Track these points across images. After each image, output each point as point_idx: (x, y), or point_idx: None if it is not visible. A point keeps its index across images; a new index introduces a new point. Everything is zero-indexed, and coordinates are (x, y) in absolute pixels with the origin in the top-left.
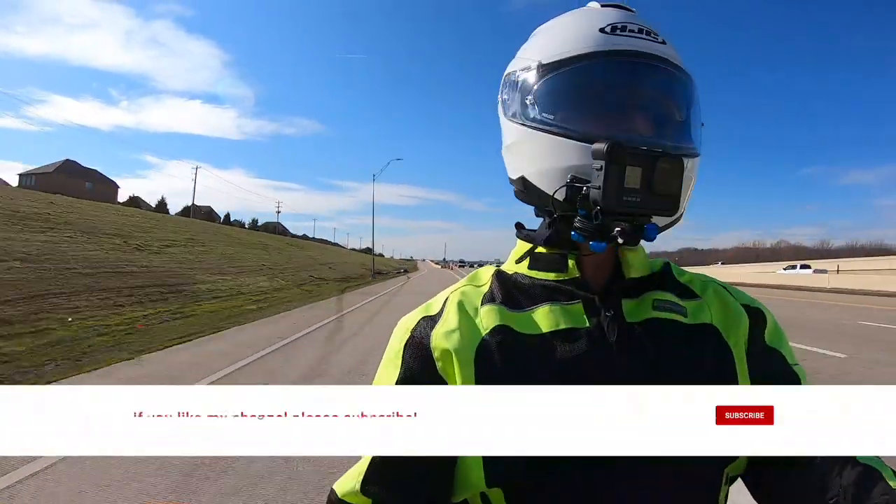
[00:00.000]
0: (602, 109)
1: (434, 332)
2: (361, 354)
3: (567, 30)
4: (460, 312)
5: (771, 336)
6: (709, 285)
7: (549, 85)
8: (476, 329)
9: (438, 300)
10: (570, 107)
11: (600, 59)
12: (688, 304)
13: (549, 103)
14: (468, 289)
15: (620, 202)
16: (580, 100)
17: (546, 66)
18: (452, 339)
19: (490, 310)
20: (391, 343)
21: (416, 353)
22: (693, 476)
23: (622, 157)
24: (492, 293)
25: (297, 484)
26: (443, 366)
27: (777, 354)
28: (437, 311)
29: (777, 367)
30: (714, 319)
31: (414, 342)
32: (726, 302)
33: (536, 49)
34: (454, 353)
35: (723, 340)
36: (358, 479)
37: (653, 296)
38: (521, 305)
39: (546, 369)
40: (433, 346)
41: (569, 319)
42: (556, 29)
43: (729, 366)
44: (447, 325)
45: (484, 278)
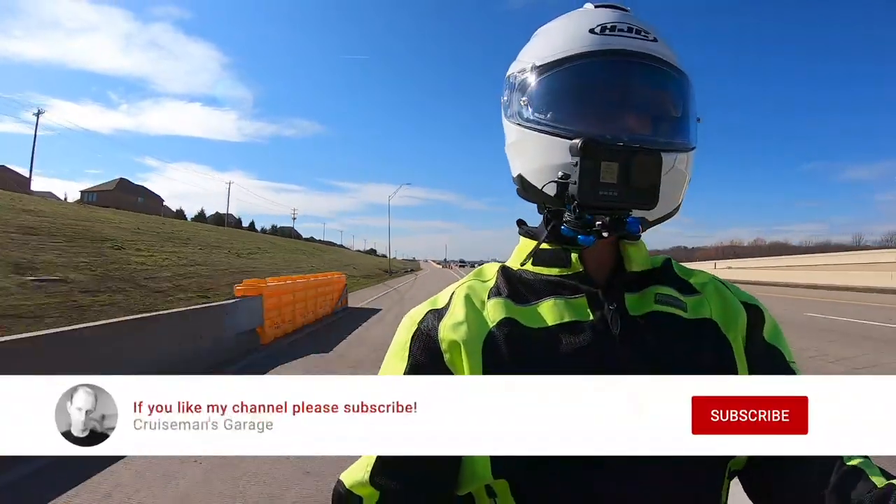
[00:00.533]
0: (588, 108)
1: (442, 325)
2: (410, 299)
3: (560, 32)
4: (467, 305)
5: (770, 333)
6: (708, 282)
7: (540, 86)
8: (483, 321)
9: (445, 294)
10: (559, 106)
11: (587, 59)
12: (688, 299)
13: (540, 103)
14: (474, 283)
15: (597, 197)
16: (568, 99)
17: (538, 67)
18: (460, 331)
19: (497, 303)
20: (398, 335)
21: (423, 345)
22: (696, 470)
23: (596, 153)
24: (497, 288)
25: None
26: (450, 357)
27: (776, 352)
28: (443, 305)
29: (777, 365)
30: (713, 314)
31: (421, 334)
32: (725, 298)
33: (532, 52)
34: (462, 344)
35: (722, 335)
36: (367, 469)
37: (655, 290)
38: (526, 300)
39: (551, 362)
40: (441, 337)
41: (573, 313)
42: (551, 31)
43: (728, 360)
44: (455, 317)
45: (489, 274)
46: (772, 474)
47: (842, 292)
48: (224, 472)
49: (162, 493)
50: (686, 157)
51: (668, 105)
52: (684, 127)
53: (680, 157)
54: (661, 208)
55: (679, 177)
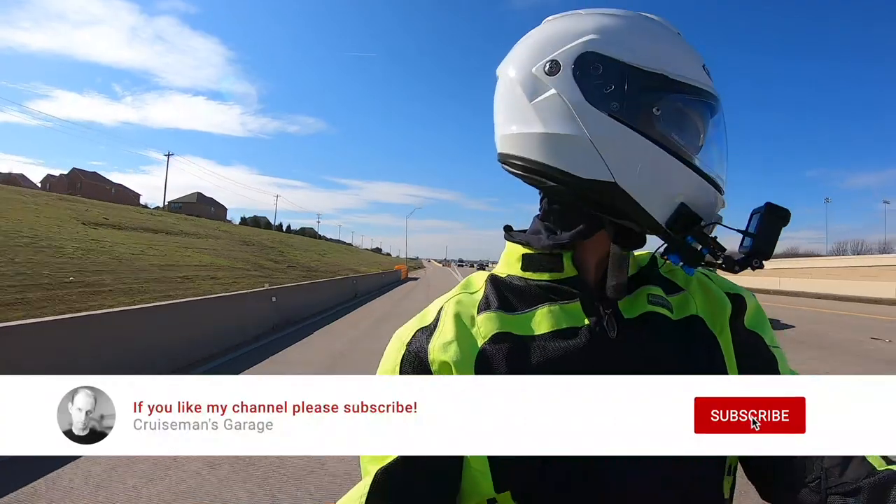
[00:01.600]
0: (721, 151)
1: (431, 346)
2: (432, 275)
3: (678, 51)
4: (456, 323)
5: (751, 320)
6: (692, 276)
7: (679, 105)
8: (473, 340)
9: (433, 310)
10: (695, 136)
11: (716, 101)
12: (673, 298)
13: (676, 124)
14: (462, 297)
15: (761, 254)
16: (709, 135)
17: (674, 82)
18: (450, 351)
19: (487, 318)
20: (387, 356)
21: (413, 368)
22: (696, 468)
23: (785, 217)
24: (486, 299)
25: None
26: None
27: (756, 337)
28: (431, 322)
29: (756, 350)
30: (699, 310)
31: (410, 356)
32: (709, 290)
33: (649, 53)
34: (453, 365)
35: (708, 330)
36: (361, 500)
37: (646, 290)
38: (518, 308)
39: (548, 370)
40: (431, 359)
41: (568, 319)
42: (667, 43)
43: (717, 356)
44: (444, 336)
45: (477, 284)
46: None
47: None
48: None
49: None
50: None
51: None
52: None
53: None
54: None
55: None
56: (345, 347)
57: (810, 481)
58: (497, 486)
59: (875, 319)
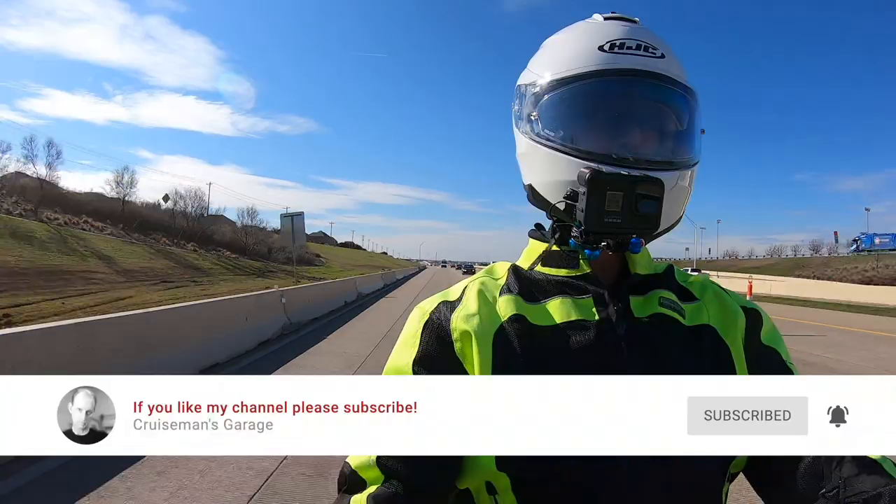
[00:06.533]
0: (597, 128)
1: (455, 315)
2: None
3: (569, 47)
4: (480, 299)
5: (767, 335)
6: (708, 288)
7: (550, 102)
8: (496, 314)
9: (457, 288)
10: (569, 125)
11: (596, 78)
12: (686, 306)
13: (550, 120)
14: (487, 280)
15: (602, 224)
16: (577, 118)
17: (548, 83)
18: (473, 322)
19: (508, 299)
20: (408, 325)
21: (434, 334)
22: (694, 471)
23: (602, 185)
24: (508, 285)
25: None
26: (461, 347)
27: (772, 352)
28: (456, 297)
29: (773, 365)
30: (712, 320)
31: (433, 324)
32: (724, 303)
33: (542, 65)
34: (474, 335)
35: (720, 339)
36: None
37: (659, 293)
38: (535, 298)
39: (558, 358)
40: (453, 327)
41: (580, 312)
42: (560, 45)
43: (727, 364)
44: (467, 308)
45: (500, 272)
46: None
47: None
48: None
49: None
50: (689, 173)
51: (672, 122)
52: (689, 143)
53: (683, 173)
54: (661, 224)
55: (681, 193)
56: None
57: (827, 491)
58: (498, 466)
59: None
